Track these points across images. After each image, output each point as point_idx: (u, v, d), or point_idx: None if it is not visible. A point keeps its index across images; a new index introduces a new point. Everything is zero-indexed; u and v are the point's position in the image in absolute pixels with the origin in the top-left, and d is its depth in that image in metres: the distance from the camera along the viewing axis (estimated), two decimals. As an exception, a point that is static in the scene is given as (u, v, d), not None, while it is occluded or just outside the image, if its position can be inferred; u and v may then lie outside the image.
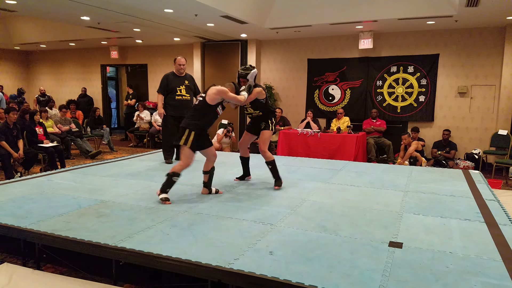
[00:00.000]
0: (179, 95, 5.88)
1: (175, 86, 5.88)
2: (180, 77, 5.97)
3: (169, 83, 5.88)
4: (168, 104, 5.93)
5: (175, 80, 5.92)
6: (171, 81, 5.89)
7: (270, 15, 8.26)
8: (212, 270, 2.48)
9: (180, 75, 5.97)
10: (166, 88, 5.90)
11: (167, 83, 5.89)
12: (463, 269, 2.48)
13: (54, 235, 3.01)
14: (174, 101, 5.87)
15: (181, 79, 5.96)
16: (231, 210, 3.68)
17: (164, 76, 6.00)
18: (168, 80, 5.91)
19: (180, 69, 5.92)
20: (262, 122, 4.64)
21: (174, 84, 5.88)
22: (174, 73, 5.99)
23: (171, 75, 5.97)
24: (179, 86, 5.89)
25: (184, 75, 6.01)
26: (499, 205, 3.89)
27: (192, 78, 6.19)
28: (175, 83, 5.90)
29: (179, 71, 5.93)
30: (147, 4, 6.65)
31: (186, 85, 5.96)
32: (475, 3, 6.23)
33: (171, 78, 5.93)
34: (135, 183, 4.69)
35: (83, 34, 10.32)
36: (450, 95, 8.74)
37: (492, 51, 8.27)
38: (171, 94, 5.89)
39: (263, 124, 4.63)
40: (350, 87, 9.55)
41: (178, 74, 5.96)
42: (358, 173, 5.44)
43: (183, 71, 5.98)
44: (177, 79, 5.93)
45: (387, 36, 9.06)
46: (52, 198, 4.03)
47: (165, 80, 5.93)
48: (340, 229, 3.19)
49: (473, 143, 8.58)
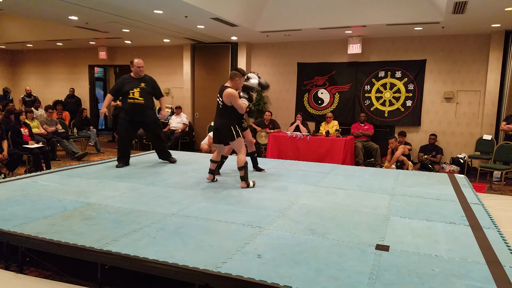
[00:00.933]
0: (131, 98, 5.67)
1: (128, 89, 5.67)
2: (136, 80, 5.75)
3: (124, 85, 5.68)
4: (122, 107, 5.82)
5: (130, 83, 5.71)
6: (126, 84, 5.69)
7: (261, 18, 8.29)
8: (200, 274, 2.46)
9: (138, 77, 5.76)
10: (119, 90, 5.73)
11: (121, 85, 5.71)
12: (448, 272, 2.50)
13: (38, 238, 2.96)
14: (126, 104, 5.71)
15: (137, 81, 5.74)
16: (220, 213, 3.66)
17: (121, 78, 5.82)
18: (123, 82, 5.72)
19: (139, 72, 5.72)
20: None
21: (128, 87, 5.67)
22: (131, 75, 5.78)
23: (128, 77, 5.77)
24: (132, 88, 5.68)
25: (142, 77, 5.79)
26: (483, 209, 3.94)
27: (152, 80, 5.95)
28: (130, 85, 5.69)
29: (138, 73, 5.73)
30: (137, 5, 6.61)
31: (142, 87, 5.73)
32: (461, 11, 6.34)
33: (126, 81, 5.73)
34: (122, 186, 4.65)
35: (71, 34, 10.20)
36: (436, 100, 8.86)
37: (477, 58, 8.42)
38: (124, 96, 5.72)
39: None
40: (339, 91, 9.62)
41: (135, 76, 5.75)
42: (346, 176, 5.47)
43: (142, 73, 5.78)
44: (133, 82, 5.72)
45: (376, 41, 9.16)
46: (37, 200, 3.97)
47: (120, 82, 5.76)
48: (328, 232, 3.20)
49: (459, 147, 8.71)
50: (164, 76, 11.76)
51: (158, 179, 5.02)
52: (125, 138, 5.95)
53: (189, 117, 10.87)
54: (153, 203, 3.95)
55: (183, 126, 10.33)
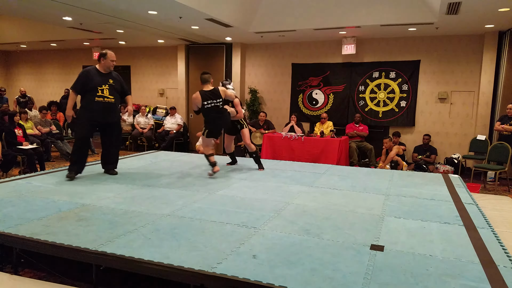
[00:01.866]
0: (100, 96, 4.91)
1: (95, 85, 4.87)
2: (104, 75, 4.98)
3: (89, 81, 4.86)
4: (85, 106, 4.96)
5: (97, 78, 4.91)
6: (92, 79, 4.87)
7: (255, 19, 8.30)
8: (195, 275, 2.46)
9: (106, 73, 5.00)
10: (84, 86, 4.88)
11: (86, 80, 4.87)
12: (443, 271, 2.52)
13: (32, 239, 2.94)
14: (91, 103, 4.89)
15: (105, 77, 4.98)
16: (215, 213, 3.66)
17: (84, 72, 4.93)
18: (88, 77, 4.87)
19: (110, 66, 4.99)
20: (238, 124, 5.76)
21: (95, 83, 4.87)
22: (97, 69, 4.97)
23: (93, 71, 4.93)
24: (101, 85, 4.91)
25: (109, 73, 5.04)
26: (477, 209, 3.97)
27: (119, 77, 5.22)
28: (97, 81, 4.89)
29: (108, 68, 4.99)
30: (131, 5, 6.59)
31: (111, 84, 5.01)
32: (455, 11, 6.38)
33: (92, 75, 4.89)
34: (117, 186, 4.63)
35: (65, 35, 10.17)
36: (430, 100, 8.91)
37: (471, 58, 8.48)
38: (89, 94, 4.89)
39: (239, 125, 5.78)
40: (333, 92, 9.65)
41: (104, 71, 4.98)
42: (341, 176, 5.48)
43: (112, 68, 5.06)
44: (101, 77, 4.94)
45: (370, 42, 9.19)
46: (31, 201, 3.94)
47: (84, 77, 4.88)
48: (323, 232, 3.20)
49: (453, 147, 8.76)
50: (159, 77, 11.74)
51: (153, 180, 5.00)
52: (85, 142, 5.13)
53: (184, 118, 10.86)
54: (147, 204, 3.94)
55: (178, 127, 10.32)
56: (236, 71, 10.37)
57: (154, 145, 10.30)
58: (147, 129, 10.42)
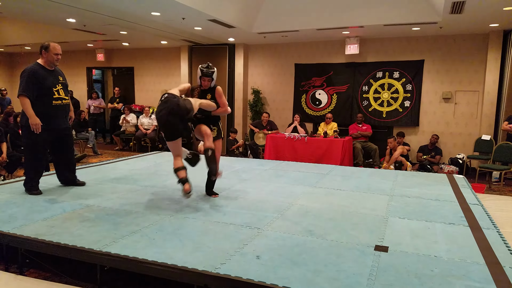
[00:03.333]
0: (58, 98, 4.18)
1: (50, 85, 4.13)
2: (53, 72, 4.21)
3: (41, 81, 4.06)
4: (40, 111, 4.06)
5: (48, 77, 4.13)
6: (43, 79, 4.08)
7: (258, 19, 8.30)
8: (199, 275, 2.46)
9: (52, 69, 4.21)
10: (38, 88, 4.05)
11: (36, 80, 4.03)
12: (448, 272, 2.50)
13: (37, 240, 2.96)
14: (46, 107, 4.11)
15: (54, 75, 4.21)
16: (218, 214, 3.66)
17: (31, 71, 4.04)
18: (38, 77, 4.05)
19: (55, 61, 4.17)
20: (213, 127, 4.28)
21: (48, 83, 4.12)
22: (43, 66, 4.15)
23: (39, 69, 4.10)
24: (55, 85, 4.16)
25: (55, 69, 4.26)
26: (482, 210, 3.95)
27: (63, 72, 4.46)
28: (50, 81, 4.13)
29: (53, 63, 4.18)
30: (134, 7, 6.61)
31: (62, 83, 4.27)
32: (459, 11, 6.35)
33: (41, 75, 4.08)
34: (120, 187, 4.64)
35: (69, 36, 10.20)
36: (434, 100, 8.87)
37: (475, 58, 8.43)
38: (45, 97, 4.10)
39: (214, 130, 4.28)
40: (337, 92, 9.63)
41: (50, 68, 4.19)
42: (344, 177, 5.47)
43: (58, 64, 4.25)
44: (51, 76, 4.16)
45: (373, 41, 9.17)
46: (36, 202, 3.96)
47: (33, 77, 4.02)
48: (327, 233, 3.20)
49: (457, 148, 8.72)
50: (162, 78, 11.76)
51: (156, 181, 5.01)
52: (44, 154, 4.43)
53: (188, 119, 10.85)
54: (151, 204, 3.95)
55: (182, 128, 10.31)
56: (239, 72, 10.37)
57: (158, 146, 10.31)
58: (151, 130, 10.44)
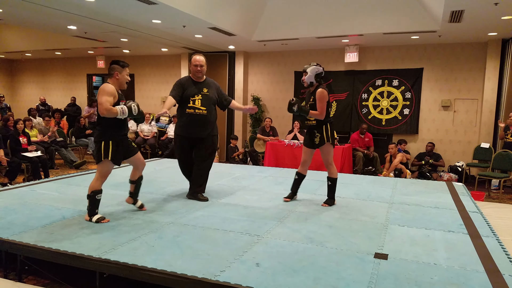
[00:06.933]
0: (191, 107, 4.29)
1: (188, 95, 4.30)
2: (199, 84, 4.41)
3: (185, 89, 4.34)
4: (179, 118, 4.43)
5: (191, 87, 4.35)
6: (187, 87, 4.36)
7: (258, 27, 8.35)
8: (198, 283, 2.46)
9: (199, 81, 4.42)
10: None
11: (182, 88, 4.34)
12: (447, 280, 2.50)
13: (37, 246, 2.95)
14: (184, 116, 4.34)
15: (199, 85, 4.40)
16: (218, 221, 3.66)
17: (179, 80, 4.42)
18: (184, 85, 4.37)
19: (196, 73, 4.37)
20: (316, 133, 4.16)
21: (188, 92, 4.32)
22: (191, 78, 4.43)
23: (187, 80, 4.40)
24: (193, 95, 4.32)
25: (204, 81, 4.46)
26: (482, 217, 3.95)
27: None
28: (190, 90, 4.33)
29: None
30: (135, 14, 6.65)
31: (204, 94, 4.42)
32: (458, 19, 6.40)
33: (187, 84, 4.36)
34: (120, 194, 4.64)
35: (70, 43, 10.25)
36: (434, 108, 8.90)
37: (474, 66, 8.48)
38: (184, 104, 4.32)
39: (317, 137, 4.15)
40: (336, 100, 9.66)
41: (195, 80, 4.41)
42: (344, 184, 5.47)
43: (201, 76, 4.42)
44: (195, 86, 4.36)
45: (373, 50, 9.22)
46: (35, 208, 3.96)
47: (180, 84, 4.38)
48: (326, 240, 3.19)
49: (457, 155, 8.73)
50: (162, 85, 11.80)
51: (156, 188, 5.01)
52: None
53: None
54: (150, 211, 3.95)
55: (181, 135, 10.32)
56: (239, 79, 10.41)
57: (158, 152, 10.31)
58: (151, 136, 10.45)
